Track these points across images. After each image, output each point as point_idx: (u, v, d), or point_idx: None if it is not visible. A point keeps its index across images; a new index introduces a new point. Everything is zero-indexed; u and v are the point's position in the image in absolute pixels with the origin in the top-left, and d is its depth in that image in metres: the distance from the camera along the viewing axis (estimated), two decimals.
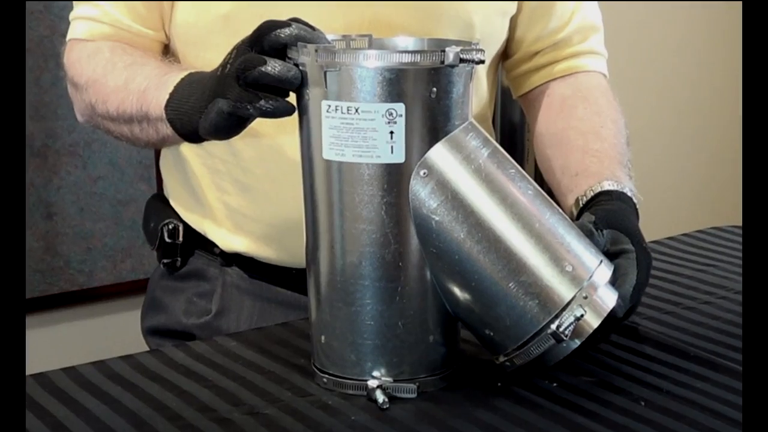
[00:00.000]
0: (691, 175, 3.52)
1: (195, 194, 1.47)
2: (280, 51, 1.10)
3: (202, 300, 1.47)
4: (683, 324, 1.30)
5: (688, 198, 3.53)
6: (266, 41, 1.09)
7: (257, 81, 1.08)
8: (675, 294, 1.39)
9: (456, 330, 1.16)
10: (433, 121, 1.08)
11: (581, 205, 1.30)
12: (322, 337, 1.14)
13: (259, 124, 1.18)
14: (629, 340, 1.25)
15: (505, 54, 1.52)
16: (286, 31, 1.09)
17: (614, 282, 1.13)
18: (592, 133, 1.41)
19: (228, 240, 1.45)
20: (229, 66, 1.11)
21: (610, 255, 1.17)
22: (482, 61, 1.09)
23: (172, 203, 1.52)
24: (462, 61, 1.08)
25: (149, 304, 1.55)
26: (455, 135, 1.09)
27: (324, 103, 1.07)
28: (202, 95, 1.15)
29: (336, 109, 1.07)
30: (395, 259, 1.09)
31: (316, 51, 1.07)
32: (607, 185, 1.29)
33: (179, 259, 1.49)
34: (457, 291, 1.10)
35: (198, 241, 1.49)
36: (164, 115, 1.22)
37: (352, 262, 1.10)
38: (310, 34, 1.10)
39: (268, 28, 1.10)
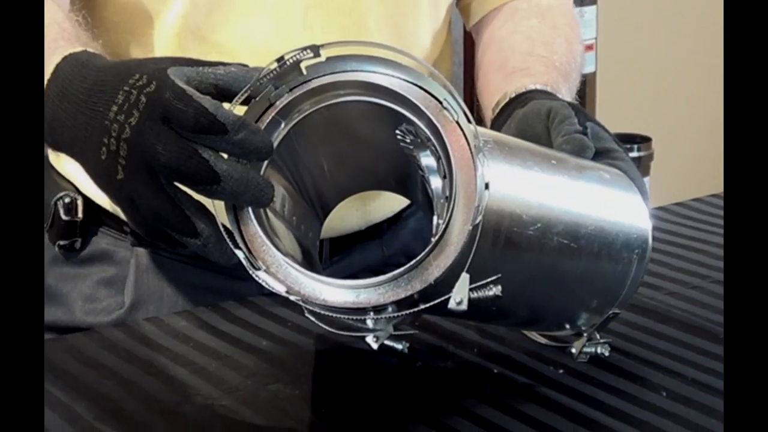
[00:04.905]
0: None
1: None
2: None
3: (110, 289, 1.28)
4: (712, 301, 1.19)
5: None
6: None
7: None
8: (703, 265, 1.28)
9: None
10: None
11: (508, 100, 1.14)
12: None
13: None
14: (648, 320, 1.13)
15: None
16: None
17: None
18: (541, 41, 1.26)
19: None
20: (137, 131, 0.83)
21: (597, 154, 1.04)
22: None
23: (65, 171, 1.28)
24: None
25: None
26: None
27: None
28: (86, 142, 0.87)
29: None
30: None
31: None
32: (549, 89, 1.15)
33: (78, 239, 1.30)
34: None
35: (102, 217, 1.28)
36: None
37: None
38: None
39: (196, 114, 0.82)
